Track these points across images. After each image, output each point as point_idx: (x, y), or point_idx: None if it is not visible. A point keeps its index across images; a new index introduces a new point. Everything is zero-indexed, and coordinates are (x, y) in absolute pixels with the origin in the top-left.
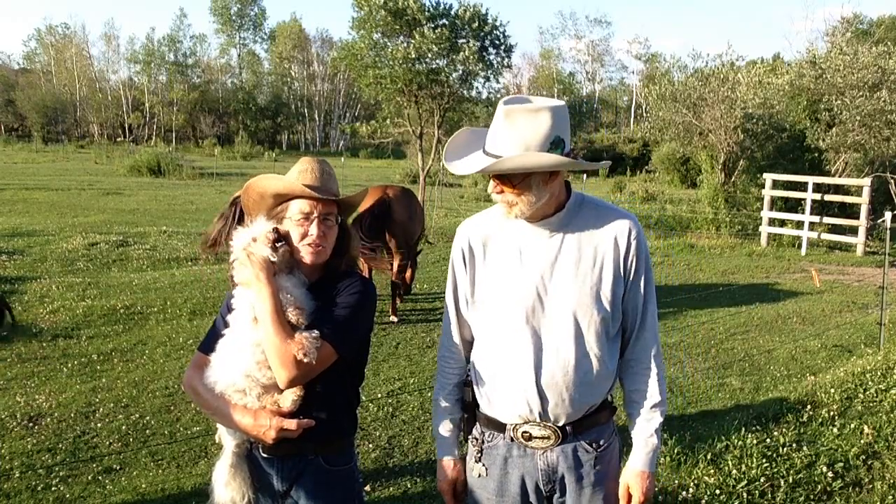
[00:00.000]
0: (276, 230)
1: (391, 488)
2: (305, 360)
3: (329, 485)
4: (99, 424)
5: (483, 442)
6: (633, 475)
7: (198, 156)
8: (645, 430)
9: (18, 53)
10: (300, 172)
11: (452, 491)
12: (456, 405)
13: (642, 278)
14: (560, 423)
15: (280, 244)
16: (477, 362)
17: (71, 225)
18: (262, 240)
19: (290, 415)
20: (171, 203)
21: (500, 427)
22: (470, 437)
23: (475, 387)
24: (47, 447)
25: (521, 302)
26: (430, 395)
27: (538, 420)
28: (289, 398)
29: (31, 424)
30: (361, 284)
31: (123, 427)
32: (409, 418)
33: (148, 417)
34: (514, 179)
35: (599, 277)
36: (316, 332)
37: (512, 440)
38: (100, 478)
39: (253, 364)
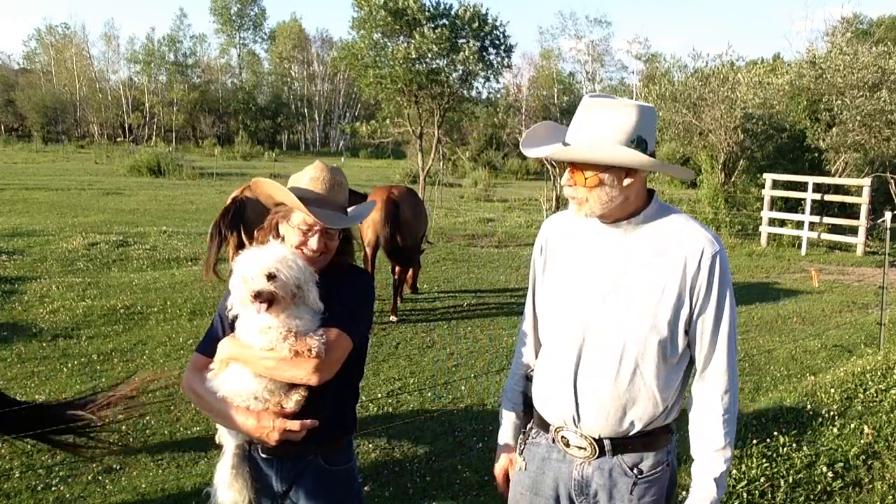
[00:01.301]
0: (268, 296)
1: (391, 488)
2: (316, 356)
3: (329, 485)
4: (99, 424)
5: (529, 437)
6: None
7: (198, 156)
8: (704, 476)
9: (18, 53)
10: (311, 181)
11: (505, 476)
12: (521, 395)
13: (712, 308)
14: (597, 436)
15: (270, 305)
16: (539, 360)
17: (71, 225)
18: (247, 298)
19: (294, 415)
20: (171, 203)
21: (545, 426)
22: (523, 430)
23: (533, 383)
24: (47, 447)
25: (579, 304)
26: (430, 394)
27: (574, 427)
28: (293, 399)
29: None
30: (366, 277)
31: (123, 427)
32: (409, 418)
33: (148, 417)
34: (587, 173)
35: (661, 296)
36: (321, 330)
37: (553, 442)
38: (100, 478)
39: (258, 384)
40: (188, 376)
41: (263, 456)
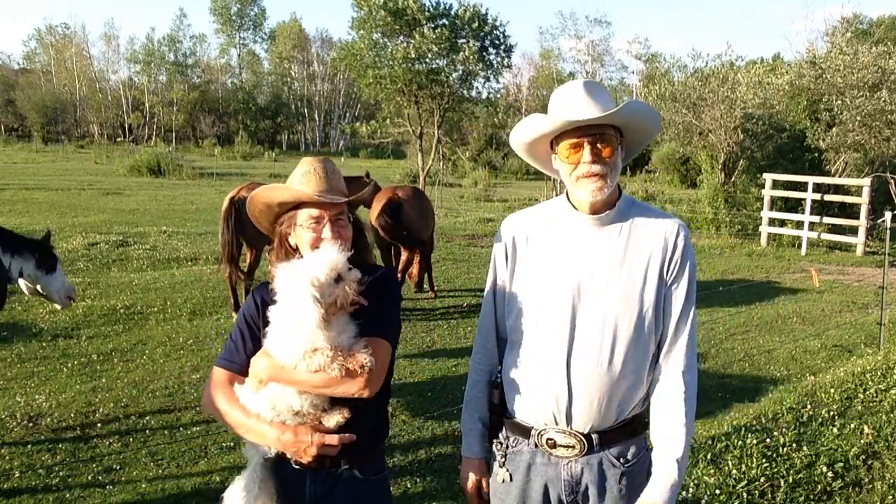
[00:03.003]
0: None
1: (391, 488)
2: (369, 370)
3: (364, 495)
4: (99, 424)
5: (508, 447)
6: None
7: (198, 156)
8: (665, 457)
9: (18, 53)
10: (304, 175)
11: (477, 490)
12: (486, 404)
13: (684, 285)
14: (586, 431)
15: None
16: (510, 361)
17: (71, 225)
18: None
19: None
20: (171, 203)
21: (525, 432)
22: (495, 440)
23: (504, 387)
24: (47, 447)
25: (563, 296)
26: (430, 395)
27: (565, 425)
28: (334, 419)
29: (31, 424)
30: (388, 272)
31: (123, 427)
32: (409, 418)
33: (148, 417)
34: (611, 144)
35: (644, 277)
36: (363, 341)
37: (536, 446)
38: (100, 478)
39: (302, 401)
40: (211, 393)
41: (296, 468)
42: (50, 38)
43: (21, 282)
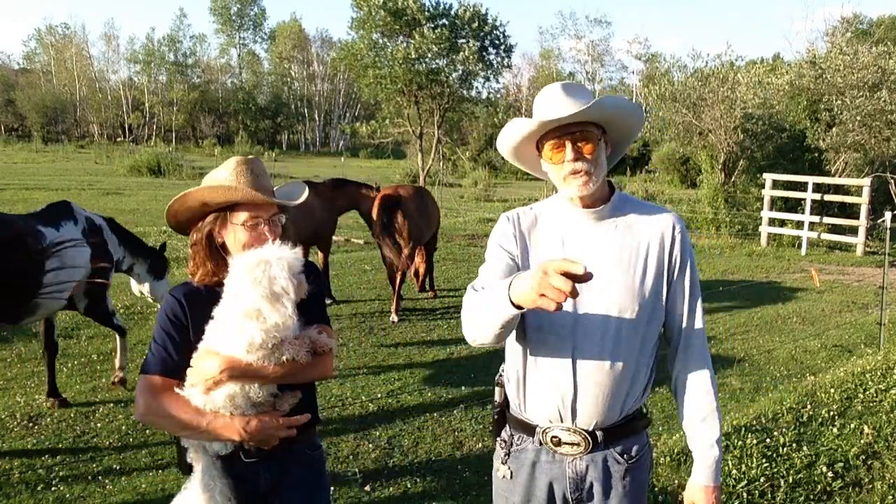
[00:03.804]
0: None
1: (391, 488)
2: (330, 350)
3: (315, 469)
4: (99, 424)
5: (511, 444)
6: (697, 491)
7: (198, 156)
8: (703, 442)
9: (18, 53)
10: (239, 175)
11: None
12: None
13: (687, 277)
14: (590, 428)
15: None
16: (513, 358)
17: None
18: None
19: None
20: None
21: (529, 430)
22: (498, 438)
23: (507, 385)
24: (47, 447)
25: (570, 301)
26: (430, 395)
27: (570, 423)
28: (287, 402)
29: (31, 424)
30: (312, 266)
31: (123, 427)
32: (409, 418)
33: None
34: (591, 140)
35: (643, 270)
36: (315, 327)
37: (541, 444)
38: (100, 478)
39: (263, 391)
40: (147, 402)
41: (246, 461)
42: (50, 38)
43: (132, 280)
